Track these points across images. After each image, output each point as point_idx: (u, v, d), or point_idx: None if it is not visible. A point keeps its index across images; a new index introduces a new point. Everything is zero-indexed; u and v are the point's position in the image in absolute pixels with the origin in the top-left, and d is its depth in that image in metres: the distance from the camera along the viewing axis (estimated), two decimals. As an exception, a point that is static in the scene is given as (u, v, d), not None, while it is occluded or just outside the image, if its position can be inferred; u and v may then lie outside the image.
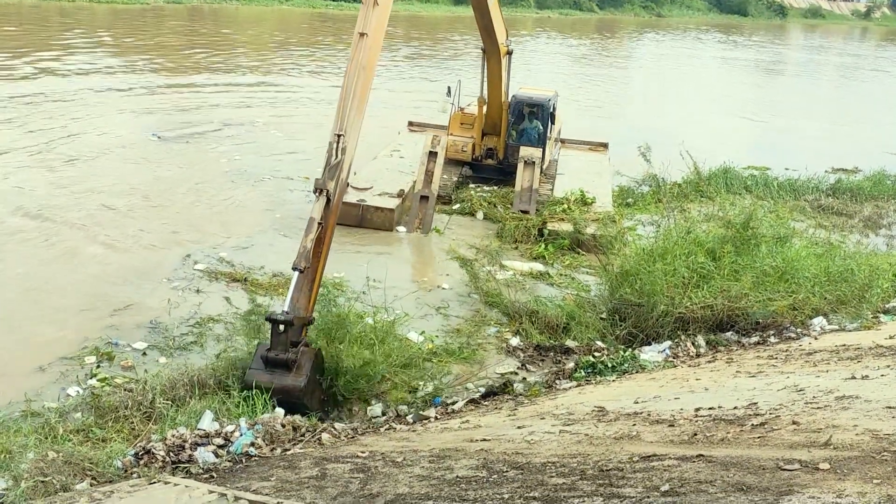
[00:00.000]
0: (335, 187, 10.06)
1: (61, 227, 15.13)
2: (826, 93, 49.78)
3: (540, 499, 4.85)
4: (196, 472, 7.55)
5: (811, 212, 19.80)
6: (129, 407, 8.83)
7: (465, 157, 20.17)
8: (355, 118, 10.48)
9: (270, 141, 23.33)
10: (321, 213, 9.84)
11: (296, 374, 9.01)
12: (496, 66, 18.52)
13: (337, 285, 12.70)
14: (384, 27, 11.23)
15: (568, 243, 16.01)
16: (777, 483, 4.42)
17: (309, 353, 9.30)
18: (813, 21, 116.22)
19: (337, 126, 10.35)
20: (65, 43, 35.91)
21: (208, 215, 16.71)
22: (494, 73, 18.69)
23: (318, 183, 10.03)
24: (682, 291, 11.53)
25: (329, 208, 9.99)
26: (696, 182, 20.61)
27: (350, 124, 10.35)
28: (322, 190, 9.95)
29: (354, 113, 10.46)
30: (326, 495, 5.82)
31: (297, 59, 39.85)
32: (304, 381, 9.00)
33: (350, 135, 10.33)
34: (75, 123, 22.83)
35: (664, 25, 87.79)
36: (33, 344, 10.76)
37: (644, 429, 6.57)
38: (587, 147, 23.50)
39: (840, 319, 11.44)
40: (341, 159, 10.14)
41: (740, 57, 63.64)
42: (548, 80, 28.97)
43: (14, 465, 7.28)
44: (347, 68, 10.79)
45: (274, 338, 9.05)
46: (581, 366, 10.63)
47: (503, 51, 18.54)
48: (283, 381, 8.96)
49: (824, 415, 6.06)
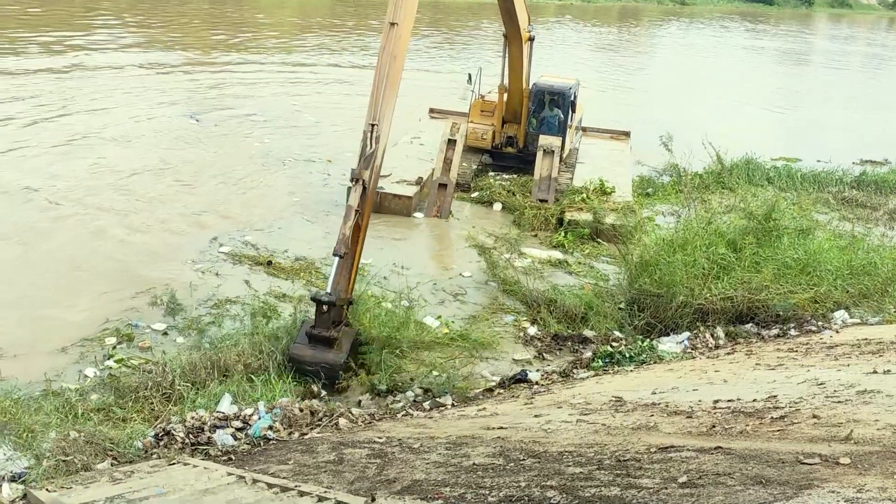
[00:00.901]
0: (370, 176, 10.40)
1: (90, 208, 15.34)
2: (854, 83, 49.06)
3: (557, 488, 4.84)
4: (215, 454, 7.63)
5: (835, 204, 19.56)
6: (149, 388, 8.94)
7: (484, 145, 20.08)
8: (388, 107, 10.66)
9: (303, 124, 23.52)
10: (358, 202, 10.23)
11: (337, 351, 9.72)
12: (517, 52, 18.39)
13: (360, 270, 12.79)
14: (413, 16, 11.36)
15: (588, 233, 15.93)
16: (796, 477, 4.39)
17: (349, 332, 9.96)
18: (839, 11, 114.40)
19: (370, 115, 10.57)
20: (91, 25, 36.12)
21: (236, 198, 16.88)
22: (516, 59, 18.56)
23: (354, 173, 10.42)
24: (702, 282, 11.46)
25: (365, 196, 10.34)
26: (717, 173, 20.43)
27: (383, 113, 10.54)
28: (358, 179, 10.32)
29: (387, 101, 10.64)
30: (344, 480, 5.86)
31: (325, 43, 39.95)
32: (344, 357, 9.70)
33: (383, 123, 10.54)
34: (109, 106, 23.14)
35: (688, 13, 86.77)
36: (56, 324, 10.89)
37: (662, 420, 6.55)
38: (609, 135, 23.35)
39: (862, 313, 11.34)
40: (375, 148, 10.43)
41: (766, 46, 62.83)
42: (569, 68, 28.77)
43: (36, 444, 7.39)
44: (379, 57, 10.95)
45: (318, 317, 9.72)
46: (599, 355, 10.60)
47: (525, 36, 18.39)
48: (324, 356, 9.65)
49: (845, 409, 6.01)
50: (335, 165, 19.08)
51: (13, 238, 13.60)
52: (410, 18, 11.23)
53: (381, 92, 10.64)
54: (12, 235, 13.69)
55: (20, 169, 16.99)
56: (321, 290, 10.08)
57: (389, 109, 10.73)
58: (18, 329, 10.58)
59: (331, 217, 15.82)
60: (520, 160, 19.80)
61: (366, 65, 31.04)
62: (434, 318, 11.64)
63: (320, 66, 33.61)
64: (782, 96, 38.88)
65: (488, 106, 20.26)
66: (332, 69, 32.94)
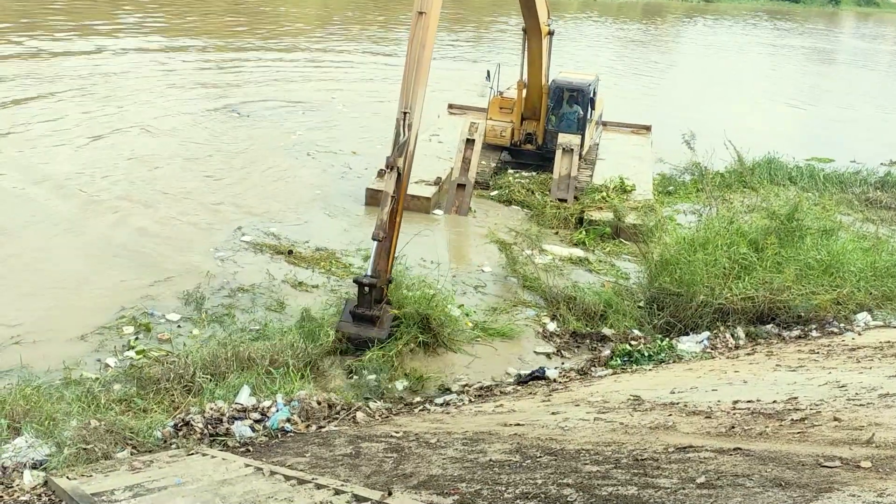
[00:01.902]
0: (405, 162, 10.85)
1: (117, 199, 15.60)
2: (884, 82, 48.44)
3: (573, 486, 4.83)
4: (233, 445, 7.69)
5: (858, 205, 19.33)
6: (170, 379, 9.01)
7: (503, 142, 19.90)
8: (419, 95, 11.02)
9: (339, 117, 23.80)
10: (394, 188, 10.70)
11: (379, 328, 10.37)
12: (537, 46, 18.24)
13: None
14: (440, 4, 11.53)
15: (609, 231, 15.84)
16: (816, 480, 4.34)
17: (390, 310, 10.45)
18: (867, 9, 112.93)
19: (402, 104, 10.94)
20: (116, 21, 36.46)
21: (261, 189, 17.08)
22: (535, 54, 18.42)
23: (389, 160, 10.84)
24: (723, 282, 11.38)
25: (400, 182, 10.79)
26: (739, 172, 20.25)
27: (414, 101, 10.91)
28: (393, 166, 10.76)
29: (418, 89, 10.99)
30: (360, 473, 5.87)
31: (357, 37, 40.31)
32: (385, 334, 10.35)
33: (415, 111, 10.93)
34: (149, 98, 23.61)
35: (713, 10, 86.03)
36: (74, 312, 11.03)
37: (680, 419, 6.51)
38: (629, 130, 23.12)
39: (885, 315, 11.21)
40: (408, 136, 10.84)
41: (793, 44, 62.16)
42: (591, 64, 28.64)
43: (57, 432, 7.47)
44: (408, 47, 11.26)
45: (360, 297, 10.41)
46: (617, 353, 10.56)
47: (545, 30, 18.23)
48: (368, 333, 10.30)
49: (867, 412, 5.94)
50: (358, 158, 19.26)
51: (40, 225, 13.84)
52: (437, 7, 11.44)
53: (411, 80, 10.96)
54: (38, 223, 13.94)
55: (55, 159, 17.36)
56: (363, 274, 10.69)
57: (420, 97, 11.05)
58: (37, 316, 10.74)
59: (349, 212, 15.95)
60: (539, 157, 19.68)
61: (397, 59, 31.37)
62: (456, 307, 11.69)
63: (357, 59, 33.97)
64: (810, 94, 38.44)
65: (507, 103, 20.12)
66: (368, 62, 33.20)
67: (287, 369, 9.36)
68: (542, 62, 18.66)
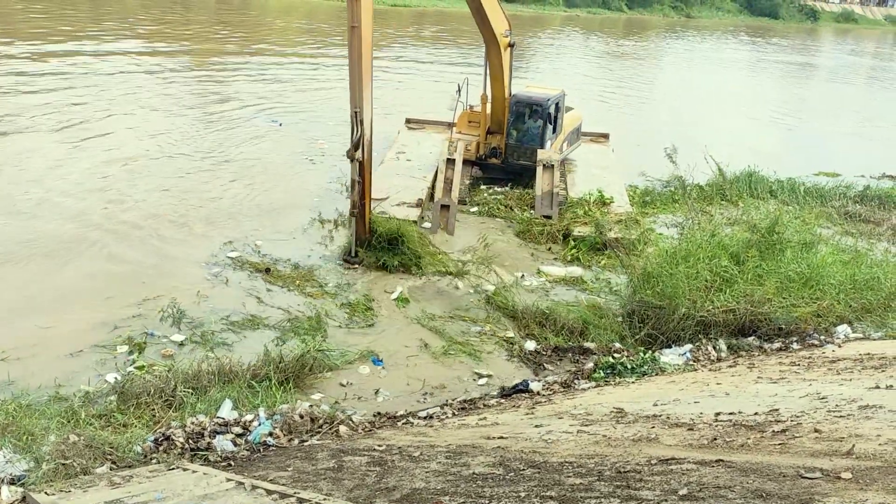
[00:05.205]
0: (363, 152, 13.34)
1: (112, 210, 15.61)
2: (864, 96, 49.07)
3: (556, 498, 4.83)
4: (214, 459, 7.62)
5: (838, 218, 19.53)
6: (150, 394, 8.93)
7: (469, 156, 19.67)
8: (366, 94, 13.01)
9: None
10: (358, 173, 13.47)
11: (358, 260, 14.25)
12: (497, 59, 18.06)
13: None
14: (371, 16, 12.94)
15: (599, 241, 15.80)
16: (797, 491, 4.37)
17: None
18: (845, 25, 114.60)
19: (353, 104, 13.06)
20: (101, 30, 36.45)
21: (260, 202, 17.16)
22: (496, 67, 18.25)
23: (349, 153, 13.40)
24: (705, 295, 11.44)
25: (363, 167, 13.44)
26: (719, 185, 20.40)
27: (362, 101, 12.96)
28: (352, 158, 13.35)
29: (364, 90, 12.92)
30: (343, 487, 5.84)
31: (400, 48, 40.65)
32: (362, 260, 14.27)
33: (364, 109, 13.03)
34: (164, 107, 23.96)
35: (693, 26, 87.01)
36: (68, 328, 10.87)
37: (663, 432, 6.53)
38: (588, 139, 22.83)
39: (865, 328, 11.31)
40: (362, 130, 13.10)
41: (772, 59, 62.90)
42: (572, 79, 28.74)
43: (36, 447, 7.38)
44: (349, 56, 12.99)
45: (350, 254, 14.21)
46: (600, 366, 10.58)
47: (503, 43, 17.97)
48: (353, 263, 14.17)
49: (847, 423, 5.98)
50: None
51: (32, 244, 13.70)
52: (368, 19, 12.83)
53: (356, 84, 12.86)
54: (29, 241, 13.78)
55: (47, 176, 17.18)
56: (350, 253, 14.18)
57: (368, 96, 13.07)
58: (28, 334, 10.56)
59: (335, 228, 15.90)
60: (504, 171, 19.61)
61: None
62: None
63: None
64: (792, 109, 38.82)
65: (476, 116, 20.01)
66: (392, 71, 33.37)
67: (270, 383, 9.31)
68: (503, 75, 18.47)
